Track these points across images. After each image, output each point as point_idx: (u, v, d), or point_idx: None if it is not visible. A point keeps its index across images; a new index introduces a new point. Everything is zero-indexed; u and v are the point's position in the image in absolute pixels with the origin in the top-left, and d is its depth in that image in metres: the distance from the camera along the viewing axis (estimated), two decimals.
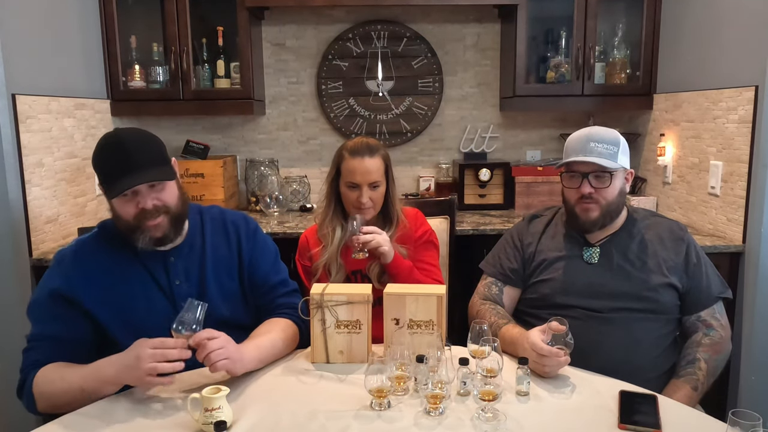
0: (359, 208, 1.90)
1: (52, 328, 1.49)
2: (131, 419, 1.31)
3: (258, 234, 1.72)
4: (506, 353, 1.57)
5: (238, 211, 1.77)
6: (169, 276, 1.57)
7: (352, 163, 1.88)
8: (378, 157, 1.90)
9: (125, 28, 2.93)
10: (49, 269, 1.56)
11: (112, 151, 1.46)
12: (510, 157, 3.29)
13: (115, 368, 1.36)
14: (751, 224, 2.31)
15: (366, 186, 1.88)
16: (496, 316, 1.73)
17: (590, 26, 2.89)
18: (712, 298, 1.73)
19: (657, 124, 2.97)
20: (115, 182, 1.44)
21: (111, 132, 1.52)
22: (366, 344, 1.56)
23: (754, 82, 2.25)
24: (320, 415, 1.31)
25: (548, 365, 1.46)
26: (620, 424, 1.26)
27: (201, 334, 1.35)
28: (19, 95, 2.21)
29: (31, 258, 2.28)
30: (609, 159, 1.68)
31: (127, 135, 1.49)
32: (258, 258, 1.68)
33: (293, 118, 3.28)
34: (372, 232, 1.83)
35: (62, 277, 1.51)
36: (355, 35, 3.19)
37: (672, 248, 1.74)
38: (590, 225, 1.73)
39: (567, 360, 1.47)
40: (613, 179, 1.70)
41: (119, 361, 1.36)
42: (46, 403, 1.43)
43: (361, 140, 1.93)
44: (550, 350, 1.45)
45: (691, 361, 1.66)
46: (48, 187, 2.40)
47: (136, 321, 1.52)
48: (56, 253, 1.59)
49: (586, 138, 1.71)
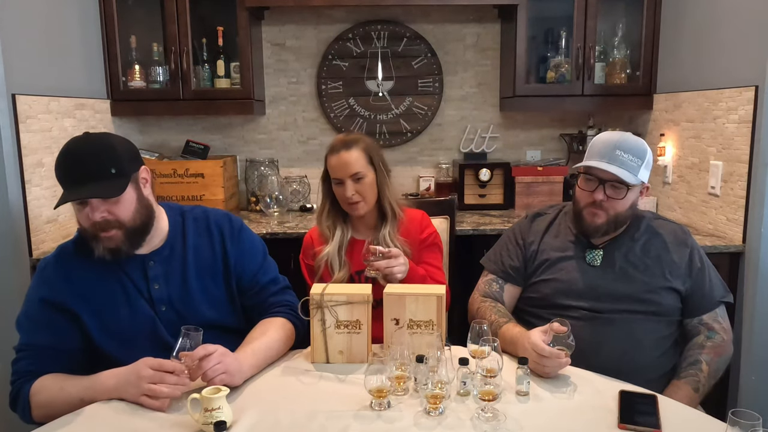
0: (349, 204, 1.90)
1: (42, 338, 1.48)
2: (131, 419, 1.31)
3: (243, 233, 1.67)
4: (506, 353, 1.57)
5: (222, 210, 1.73)
6: (148, 280, 1.54)
7: (331, 160, 1.91)
8: (355, 149, 1.89)
9: (125, 28, 2.93)
10: (33, 279, 1.54)
11: (63, 159, 1.44)
12: (510, 157, 3.29)
13: (116, 382, 1.36)
14: (751, 224, 2.31)
15: (349, 179, 1.88)
16: (497, 314, 1.73)
17: (590, 26, 2.89)
18: (715, 302, 1.73)
19: (657, 124, 2.96)
20: (64, 191, 1.43)
21: (73, 138, 1.47)
22: (366, 344, 1.56)
23: (754, 82, 2.25)
24: (320, 415, 1.31)
25: (548, 366, 1.46)
26: (620, 424, 1.26)
27: (196, 353, 1.34)
28: (19, 95, 2.21)
29: (31, 258, 2.28)
30: (631, 171, 1.64)
31: (82, 145, 1.44)
32: (245, 259, 1.64)
33: (293, 118, 3.28)
34: (389, 257, 1.77)
35: (47, 285, 1.50)
36: (355, 35, 3.19)
37: (675, 252, 1.73)
38: (593, 231, 1.72)
39: (567, 361, 1.46)
40: (629, 192, 1.67)
41: (120, 376, 1.36)
42: (43, 412, 1.41)
43: (338, 137, 1.96)
44: (551, 351, 1.44)
45: (692, 363, 1.66)
46: (48, 187, 2.40)
47: (118, 327, 1.50)
48: (40, 261, 1.57)
49: (614, 144, 1.66)
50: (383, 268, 1.77)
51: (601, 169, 1.65)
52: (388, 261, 1.77)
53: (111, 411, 1.34)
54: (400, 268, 1.78)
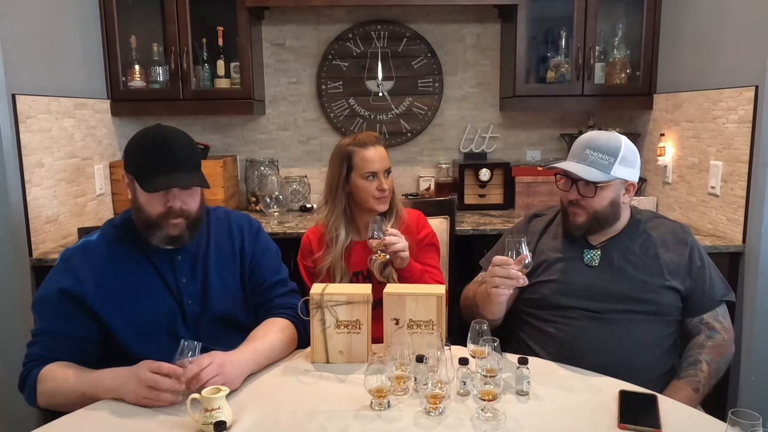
0: (380, 197, 1.93)
1: (58, 325, 1.51)
2: (131, 419, 1.31)
3: (261, 234, 1.75)
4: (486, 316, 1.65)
5: (242, 212, 1.82)
6: (176, 274, 1.59)
7: (366, 153, 1.92)
8: (382, 146, 1.98)
9: (125, 28, 2.93)
10: (55, 268, 1.56)
11: (156, 146, 1.49)
12: (510, 157, 3.29)
13: (117, 383, 1.38)
14: (751, 224, 2.31)
15: (383, 173, 1.93)
16: (478, 285, 1.77)
17: (590, 26, 2.89)
18: (715, 301, 1.73)
19: (657, 124, 2.97)
20: (154, 178, 1.47)
21: (154, 127, 1.55)
22: (366, 344, 1.56)
23: (754, 82, 2.25)
24: (320, 415, 1.31)
25: (498, 274, 1.50)
26: (620, 424, 1.26)
27: (191, 369, 1.33)
28: (19, 95, 2.21)
29: (31, 258, 2.28)
30: (601, 169, 1.65)
31: (172, 134, 1.53)
32: (259, 258, 1.71)
33: (293, 118, 3.28)
34: (396, 235, 1.83)
35: (70, 276, 1.52)
36: (355, 35, 3.19)
37: (675, 251, 1.73)
38: (576, 229, 1.74)
39: (518, 275, 1.50)
40: (601, 191, 1.67)
41: (121, 377, 1.38)
42: (47, 400, 1.45)
43: (364, 133, 2.00)
44: (501, 259, 1.50)
45: (692, 363, 1.66)
46: (48, 187, 2.40)
47: (140, 319, 1.54)
48: (63, 251, 1.59)
49: (585, 144, 1.70)
50: (394, 244, 1.79)
51: (567, 169, 1.68)
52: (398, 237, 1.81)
53: (111, 411, 1.34)
54: (405, 244, 1.82)
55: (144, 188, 1.48)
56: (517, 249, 1.52)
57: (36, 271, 2.30)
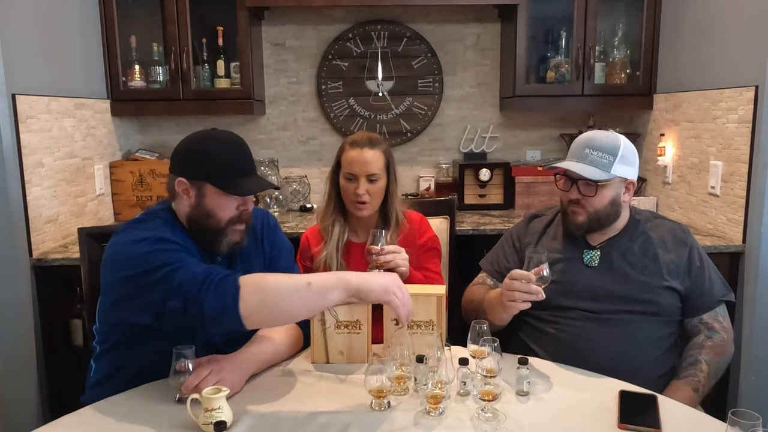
0: (356, 201, 1.87)
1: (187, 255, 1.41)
2: (131, 419, 1.31)
3: (278, 231, 1.76)
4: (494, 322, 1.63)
5: (258, 207, 1.81)
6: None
7: (351, 153, 1.88)
8: (378, 151, 1.89)
9: (125, 28, 2.93)
10: (131, 229, 1.45)
11: (234, 150, 1.49)
12: (510, 157, 3.29)
13: (362, 277, 1.37)
14: (751, 224, 2.31)
15: (363, 177, 1.86)
16: (484, 289, 1.76)
17: (590, 26, 2.89)
18: (715, 302, 1.73)
19: (657, 124, 2.97)
20: (240, 181, 1.46)
21: (217, 131, 1.55)
22: (366, 344, 1.56)
23: (754, 82, 2.25)
24: (320, 415, 1.31)
25: (517, 288, 1.48)
26: (620, 424, 1.26)
27: (191, 382, 1.33)
28: (19, 95, 2.21)
29: (31, 258, 2.28)
30: (601, 168, 1.66)
31: (238, 138, 1.54)
32: (276, 255, 1.71)
33: (293, 118, 3.28)
34: (393, 252, 1.77)
35: (162, 231, 1.43)
36: (355, 35, 3.19)
37: (674, 251, 1.73)
38: (577, 228, 1.74)
39: (538, 291, 1.48)
40: (602, 189, 1.68)
41: (368, 275, 1.41)
42: (255, 300, 1.30)
43: (363, 133, 1.95)
44: (521, 273, 1.47)
45: (692, 363, 1.66)
46: (48, 187, 2.40)
47: None
48: (139, 215, 1.54)
49: (584, 143, 1.70)
50: (389, 262, 1.75)
51: (567, 168, 1.69)
52: (393, 255, 1.76)
53: (111, 411, 1.34)
54: (403, 258, 1.79)
55: (232, 191, 1.45)
56: (536, 264, 1.50)
57: (36, 271, 2.30)
